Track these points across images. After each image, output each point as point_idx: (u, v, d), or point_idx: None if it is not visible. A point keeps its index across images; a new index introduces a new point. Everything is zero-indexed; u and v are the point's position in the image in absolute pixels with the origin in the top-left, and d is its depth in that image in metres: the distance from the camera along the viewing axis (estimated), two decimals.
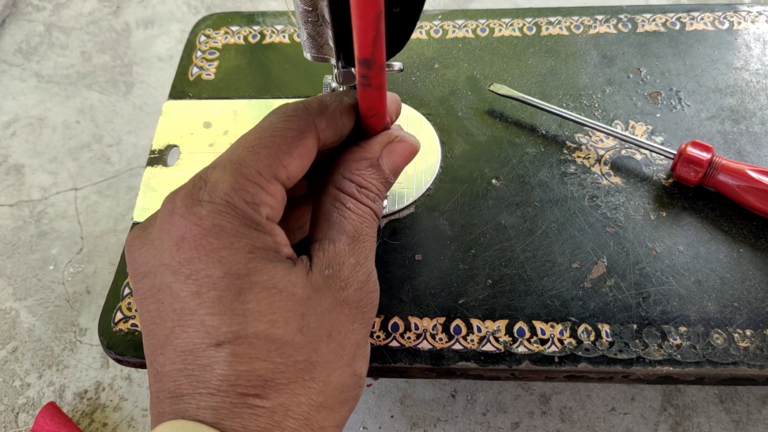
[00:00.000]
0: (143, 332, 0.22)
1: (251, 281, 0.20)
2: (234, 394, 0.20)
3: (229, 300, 0.20)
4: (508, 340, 0.30)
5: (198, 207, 0.21)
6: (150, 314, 0.22)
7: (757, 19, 0.41)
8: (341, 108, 0.24)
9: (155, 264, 0.21)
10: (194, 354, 0.20)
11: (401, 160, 0.26)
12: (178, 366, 0.20)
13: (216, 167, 0.22)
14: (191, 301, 0.20)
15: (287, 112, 0.23)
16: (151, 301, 0.22)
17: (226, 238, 0.20)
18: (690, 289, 0.31)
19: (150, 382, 0.22)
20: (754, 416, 0.35)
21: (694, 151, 0.33)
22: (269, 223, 0.22)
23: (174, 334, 0.20)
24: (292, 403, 0.20)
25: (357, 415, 0.37)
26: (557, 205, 0.34)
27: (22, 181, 0.49)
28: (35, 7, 0.61)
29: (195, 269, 0.20)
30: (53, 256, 0.45)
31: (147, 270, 0.22)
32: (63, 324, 0.42)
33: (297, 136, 0.23)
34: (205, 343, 0.20)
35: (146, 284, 0.22)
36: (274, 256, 0.21)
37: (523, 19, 0.43)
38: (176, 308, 0.20)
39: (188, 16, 0.59)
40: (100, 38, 0.58)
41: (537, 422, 0.36)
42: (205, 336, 0.20)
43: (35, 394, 0.39)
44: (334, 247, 0.23)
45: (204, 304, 0.20)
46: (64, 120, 0.52)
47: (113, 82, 0.54)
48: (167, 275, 0.21)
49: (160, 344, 0.21)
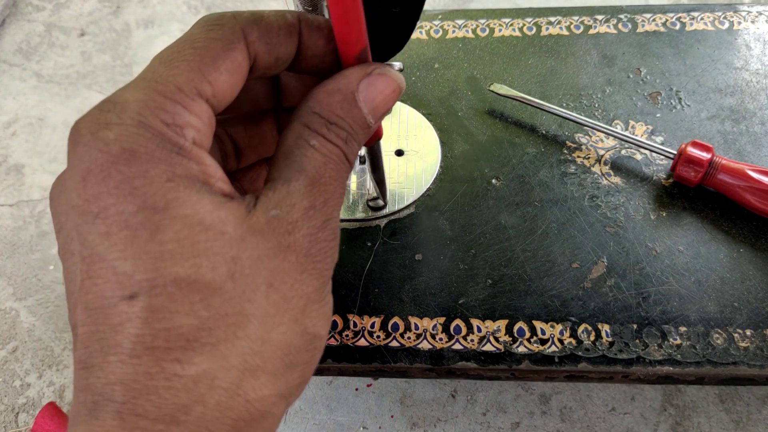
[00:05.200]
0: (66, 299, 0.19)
1: (170, 215, 0.17)
2: (150, 360, 0.16)
3: (144, 240, 0.17)
4: (508, 340, 0.30)
5: (104, 131, 0.17)
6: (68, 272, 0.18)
7: (757, 19, 0.41)
8: (279, 21, 0.20)
9: (67, 209, 0.18)
10: (104, 311, 0.17)
11: (381, 98, 0.22)
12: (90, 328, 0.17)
13: (127, 87, 0.18)
14: (100, 244, 0.17)
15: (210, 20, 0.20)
16: (68, 256, 0.18)
17: (139, 164, 0.17)
18: (690, 289, 0.31)
19: None
20: (754, 416, 0.35)
21: (694, 151, 0.33)
22: (195, 148, 0.18)
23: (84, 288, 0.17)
24: (219, 368, 0.17)
25: (357, 415, 0.37)
26: (557, 205, 0.34)
27: (22, 181, 0.49)
28: (35, 7, 0.61)
29: (103, 206, 0.17)
30: (53, 256, 0.45)
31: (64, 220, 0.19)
32: (63, 324, 0.42)
33: (222, 47, 0.19)
34: (116, 296, 0.17)
35: (62, 237, 0.19)
36: (201, 187, 0.18)
37: (523, 19, 0.43)
38: (84, 256, 0.17)
39: (188, 16, 0.59)
40: (100, 38, 0.58)
41: (537, 422, 0.36)
42: (116, 287, 0.17)
43: (35, 394, 0.39)
44: (288, 188, 0.19)
45: (115, 247, 0.17)
46: (64, 120, 0.52)
47: (113, 82, 0.54)
48: (75, 217, 0.17)
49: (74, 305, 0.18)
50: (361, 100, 0.21)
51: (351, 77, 0.21)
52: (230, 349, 0.17)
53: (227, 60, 0.19)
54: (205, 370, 0.17)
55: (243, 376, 0.18)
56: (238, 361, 0.17)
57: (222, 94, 0.19)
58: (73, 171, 0.17)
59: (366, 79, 0.21)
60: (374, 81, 0.22)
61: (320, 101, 0.21)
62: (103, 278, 0.17)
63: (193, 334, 0.17)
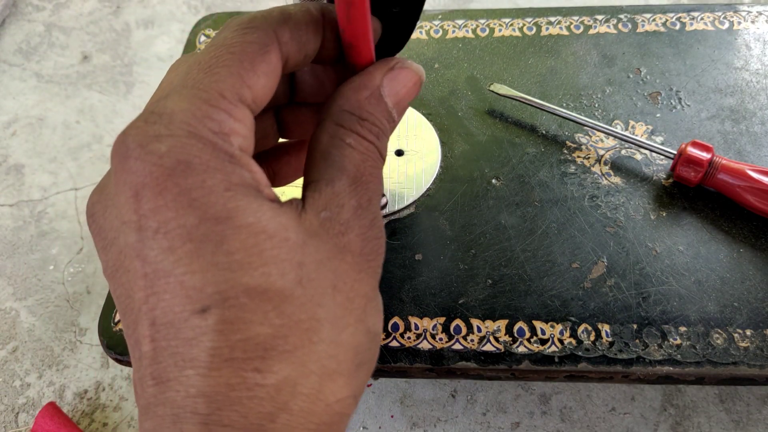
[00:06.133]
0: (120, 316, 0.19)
1: (234, 225, 0.17)
2: (229, 371, 0.16)
3: (210, 252, 0.16)
4: (508, 340, 0.30)
5: (155, 144, 0.17)
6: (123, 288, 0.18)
7: (757, 19, 0.41)
8: (307, 17, 0.20)
9: (117, 225, 0.18)
10: (175, 326, 0.16)
11: (405, 91, 0.22)
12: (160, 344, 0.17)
13: (168, 96, 0.18)
14: (164, 260, 0.16)
15: (243, 23, 0.19)
16: (121, 273, 0.18)
17: (196, 175, 0.17)
18: (690, 289, 0.31)
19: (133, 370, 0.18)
20: (754, 416, 0.35)
21: (694, 151, 0.33)
22: (244, 156, 0.18)
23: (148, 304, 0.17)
24: (299, 374, 0.17)
25: (357, 415, 0.37)
26: (557, 205, 0.34)
27: (22, 181, 0.49)
28: (35, 7, 0.61)
29: (162, 220, 0.16)
30: (53, 256, 0.45)
31: (114, 236, 0.18)
32: (63, 324, 0.42)
33: (258, 50, 0.19)
34: (187, 311, 0.16)
35: (113, 254, 0.18)
36: (257, 194, 0.17)
37: (523, 19, 0.43)
38: (147, 273, 0.17)
39: (188, 16, 0.59)
40: (100, 38, 0.58)
41: (537, 422, 0.36)
42: (186, 301, 0.16)
43: (35, 394, 0.39)
44: (332, 188, 0.19)
45: (180, 262, 0.16)
46: (64, 120, 0.52)
47: (113, 82, 0.54)
48: (131, 235, 0.17)
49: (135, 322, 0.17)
50: (385, 95, 0.21)
51: (375, 73, 0.22)
52: (307, 354, 0.17)
53: (263, 63, 0.19)
54: (286, 378, 0.17)
55: (322, 381, 0.18)
56: (316, 366, 0.17)
57: (260, 98, 0.19)
58: (123, 186, 0.17)
59: (389, 74, 0.22)
60: (397, 75, 0.22)
61: (349, 98, 0.21)
62: (171, 293, 0.17)
63: (269, 343, 0.17)
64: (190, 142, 0.17)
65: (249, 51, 0.19)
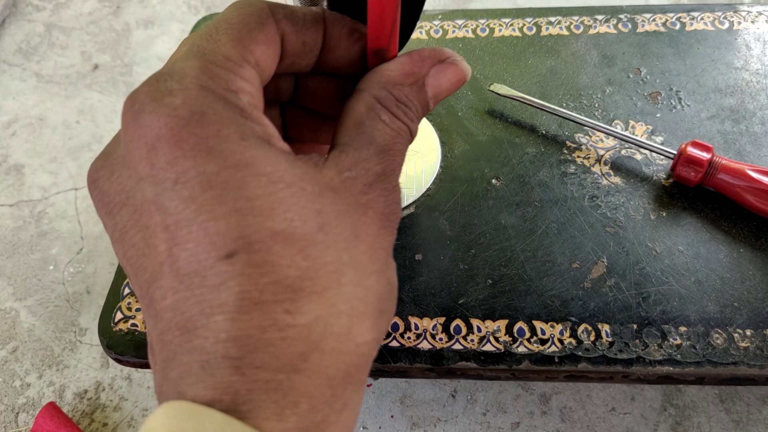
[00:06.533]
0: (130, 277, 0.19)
1: (253, 172, 0.17)
2: (260, 314, 0.16)
3: (232, 198, 0.16)
4: (508, 340, 0.30)
5: (169, 97, 0.17)
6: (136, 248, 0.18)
7: (757, 19, 0.41)
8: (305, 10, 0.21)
9: (131, 185, 0.18)
10: (200, 275, 0.16)
11: (447, 86, 0.23)
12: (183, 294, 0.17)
13: (177, 59, 0.18)
14: (185, 209, 0.16)
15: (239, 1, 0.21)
16: (135, 232, 0.18)
17: (212, 125, 0.17)
18: (690, 289, 0.31)
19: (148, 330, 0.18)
20: (754, 416, 0.35)
21: (694, 151, 0.33)
22: (255, 110, 0.18)
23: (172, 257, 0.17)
24: (329, 314, 0.17)
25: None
26: (557, 205, 0.34)
27: (22, 181, 0.49)
28: (35, 7, 0.61)
29: (181, 170, 0.16)
30: (53, 256, 0.45)
31: (125, 197, 0.18)
32: (63, 324, 0.42)
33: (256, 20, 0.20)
34: (212, 257, 0.16)
35: (125, 215, 0.18)
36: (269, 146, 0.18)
37: (523, 19, 0.43)
38: (168, 224, 0.17)
39: (188, 16, 0.59)
40: (100, 38, 0.58)
41: (537, 422, 0.36)
42: (211, 248, 0.16)
43: (35, 394, 0.39)
44: (360, 154, 0.20)
45: (202, 209, 0.16)
46: (64, 120, 0.52)
47: (113, 82, 0.54)
48: (148, 190, 0.17)
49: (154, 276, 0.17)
50: (429, 84, 0.22)
51: (426, 63, 0.22)
52: (336, 295, 0.17)
53: (262, 32, 0.20)
54: (317, 317, 0.17)
55: (352, 322, 0.18)
56: (345, 307, 0.18)
57: (263, 63, 0.20)
58: (138, 142, 0.17)
59: (438, 65, 0.22)
60: (445, 69, 0.23)
61: (393, 80, 0.21)
62: (194, 241, 0.16)
63: (298, 285, 0.17)
64: (203, 94, 0.17)
65: (246, 21, 0.20)
